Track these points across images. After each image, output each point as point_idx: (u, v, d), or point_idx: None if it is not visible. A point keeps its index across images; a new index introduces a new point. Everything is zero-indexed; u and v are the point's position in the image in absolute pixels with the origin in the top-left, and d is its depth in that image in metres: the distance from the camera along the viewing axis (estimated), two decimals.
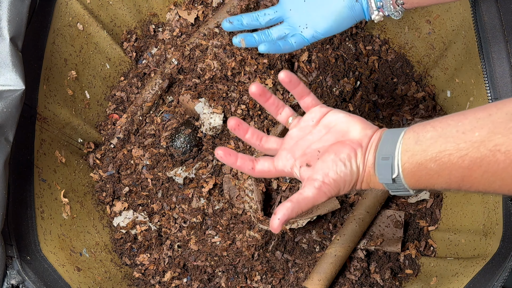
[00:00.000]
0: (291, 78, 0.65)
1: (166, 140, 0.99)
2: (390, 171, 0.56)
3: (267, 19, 0.76)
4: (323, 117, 0.64)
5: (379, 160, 0.57)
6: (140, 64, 1.08)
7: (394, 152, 0.56)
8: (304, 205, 0.59)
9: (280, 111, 0.69)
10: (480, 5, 0.79)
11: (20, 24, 0.74)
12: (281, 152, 0.65)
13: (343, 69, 1.02)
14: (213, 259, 0.93)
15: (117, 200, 0.98)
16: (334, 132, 0.62)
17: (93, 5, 0.98)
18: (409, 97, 1.02)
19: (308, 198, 0.59)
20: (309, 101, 0.67)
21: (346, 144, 0.60)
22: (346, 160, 0.59)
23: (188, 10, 1.09)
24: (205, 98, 0.98)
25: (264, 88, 0.67)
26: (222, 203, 0.96)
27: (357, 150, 0.59)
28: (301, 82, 0.66)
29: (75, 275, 0.82)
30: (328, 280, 0.89)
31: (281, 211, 0.58)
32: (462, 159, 0.50)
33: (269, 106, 0.69)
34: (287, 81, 0.65)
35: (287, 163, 0.64)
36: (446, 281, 0.82)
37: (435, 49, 1.00)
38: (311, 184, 0.59)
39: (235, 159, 0.65)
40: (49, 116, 0.88)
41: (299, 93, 0.67)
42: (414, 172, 0.54)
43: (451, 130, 0.51)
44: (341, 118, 0.63)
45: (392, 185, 0.57)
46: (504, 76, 0.77)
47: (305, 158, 0.62)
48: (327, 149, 0.61)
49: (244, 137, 0.68)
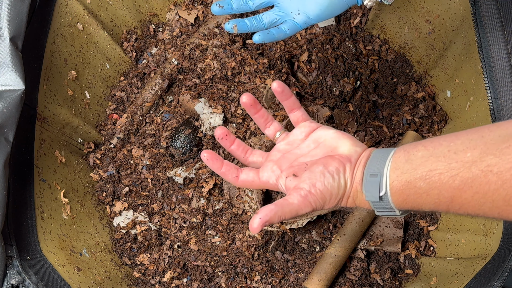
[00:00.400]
0: (284, 89, 0.66)
1: (166, 140, 0.99)
2: (377, 188, 0.55)
3: (257, 3, 0.75)
4: (312, 132, 0.65)
5: (367, 177, 0.56)
6: (140, 64, 1.08)
7: (383, 170, 0.55)
8: (288, 211, 0.58)
9: (268, 125, 0.69)
10: (480, 5, 0.79)
11: (20, 24, 0.74)
12: (267, 164, 0.64)
13: (343, 69, 1.02)
14: (213, 259, 0.93)
15: (117, 200, 0.98)
16: (323, 147, 0.62)
17: (93, 5, 0.98)
18: (409, 97, 1.02)
19: (292, 205, 0.58)
20: (299, 115, 0.67)
21: (335, 158, 0.60)
22: (335, 173, 0.58)
23: (188, 10, 1.09)
24: (205, 98, 0.98)
25: (255, 100, 0.67)
26: (222, 203, 0.96)
27: (346, 165, 0.59)
28: (293, 95, 0.67)
29: (75, 275, 0.82)
30: (328, 280, 0.89)
31: (264, 212, 0.57)
32: (453, 179, 0.49)
33: (258, 118, 0.69)
34: (279, 91, 0.66)
35: (272, 175, 0.63)
36: (446, 281, 0.82)
37: (435, 49, 1.00)
38: (297, 192, 0.58)
39: (220, 165, 0.64)
40: (49, 116, 0.88)
41: (290, 105, 0.67)
42: (403, 190, 0.53)
43: (443, 150, 0.51)
44: (330, 134, 0.63)
45: (378, 203, 0.56)
46: (504, 76, 0.77)
47: (292, 170, 0.62)
48: (316, 161, 0.60)
49: (229, 148, 0.67)
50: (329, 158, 0.60)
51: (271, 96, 0.97)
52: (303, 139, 0.65)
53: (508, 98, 0.76)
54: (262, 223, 0.56)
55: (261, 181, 0.64)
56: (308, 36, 1.06)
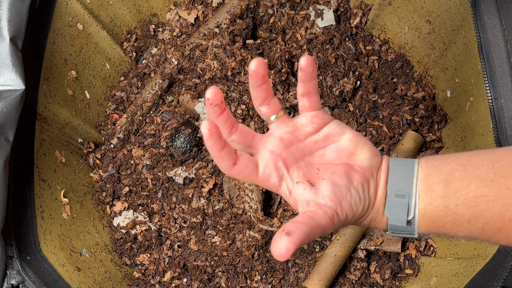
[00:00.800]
0: (314, 68, 0.50)
1: (166, 140, 0.99)
2: (405, 211, 0.46)
3: None
4: (326, 125, 0.51)
5: (391, 197, 0.47)
6: (140, 64, 1.08)
7: (411, 189, 0.46)
8: (316, 233, 0.45)
9: (268, 101, 0.52)
10: (480, 5, 0.79)
11: (20, 24, 0.74)
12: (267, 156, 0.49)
13: (343, 69, 1.02)
14: (213, 259, 0.93)
15: (117, 200, 0.98)
16: (335, 150, 0.50)
17: (93, 5, 0.98)
18: (409, 97, 1.02)
19: (319, 227, 0.45)
20: (315, 100, 0.52)
21: (357, 170, 0.48)
22: (360, 190, 0.47)
23: (188, 10, 1.09)
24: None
25: (266, 69, 0.50)
26: (222, 203, 0.96)
27: (370, 181, 0.48)
28: (316, 78, 0.51)
29: (75, 275, 0.82)
30: (328, 280, 0.89)
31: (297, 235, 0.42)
32: (505, 208, 0.43)
33: (260, 91, 0.51)
34: (310, 71, 0.50)
35: (275, 174, 0.49)
36: (446, 281, 0.82)
37: (435, 49, 1.00)
38: (321, 210, 0.46)
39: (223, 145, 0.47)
40: (49, 116, 0.88)
41: (309, 88, 0.51)
42: (439, 216, 0.45)
43: (488, 172, 0.44)
44: (346, 135, 0.50)
45: (400, 226, 0.48)
46: (504, 76, 0.77)
47: (301, 173, 0.49)
48: (333, 169, 0.49)
49: (217, 117, 0.50)
50: (349, 168, 0.49)
51: None
52: (312, 132, 0.51)
53: (508, 98, 0.76)
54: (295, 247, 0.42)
55: (258, 176, 0.49)
56: (308, 36, 1.06)
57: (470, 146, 0.86)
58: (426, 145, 0.99)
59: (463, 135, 0.90)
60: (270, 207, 0.97)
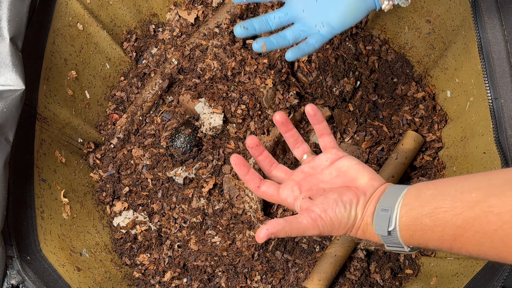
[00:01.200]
0: (316, 112, 0.68)
1: (166, 140, 0.99)
2: (387, 222, 0.57)
3: (276, 23, 0.76)
4: (337, 160, 0.67)
5: (378, 211, 0.58)
6: (140, 64, 1.08)
7: (394, 205, 0.57)
8: (295, 229, 0.60)
9: (298, 146, 0.71)
10: (480, 5, 0.79)
11: (20, 24, 0.74)
12: (288, 182, 0.67)
13: (343, 69, 1.02)
14: (213, 259, 0.93)
15: (117, 200, 0.98)
16: (343, 177, 0.65)
17: (93, 5, 0.98)
18: (409, 97, 1.02)
19: (300, 224, 0.60)
20: (328, 141, 0.69)
21: (351, 189, 0.62)
22: (347, 203, 0.60)
23: (188, 10, 1.09)
24: (205, 98, 0.98)
25: (288, 119, 0.70)
26: (222, 203, 0.96)
27: (360, 198, 0.61)
28: (325, 121, 0.69)
29: (75, 275, 0.82)
30: (328, 280, 0.89)
31: (272, 224, 0.59)
32: (456, 217, 0.51)
33: (289, 138, 0.71)
34: (312, 114, 0.68)
35: (291, 195, 0.66)
36: (446, 281, 0.82)
37: (435, 49, 1.00)
38: (308, 213, 0.61)
39: (247, 171, 0.67)
40: (49, 116, 0.88)
41: (320, 130, 0.69)
42: (409, 226, 0.55)
43: (451, 189, 0.53)
44: (353, 166, 0.65)
45: (387, 237, 0.58)
46: (504, 76, 0.77)
47: (309, 193, 0.64)
48: (332, 189, 0.63)
49: (257, 158, 0.70)
50: (345, 188, 0.62)
51: (271, 96, 0.97)
52: (327, 166, 0.67)
53: (508, 98, 0.76)
54: (268, 234, 0.59)
55: (280, 197, 0.67)
56: None
57: (470, 146, 0.86)
58: (426, 145, 0.99)
59: (463, 135, 0.90)
60: (270, 207, 0.97)
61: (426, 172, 0.98)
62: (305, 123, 1.01)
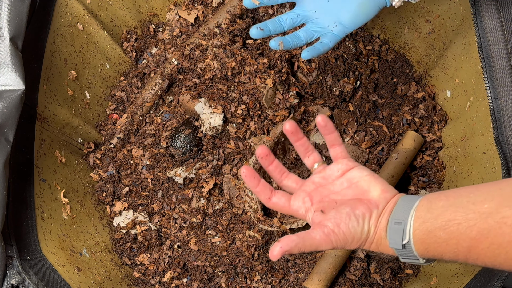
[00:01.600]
0: (327, 123, 0.67)
1: (166, 140, 0.99)
2: (401, 236, 0.56)
3: (289, 23, 0.78)
4: (348, 170, 0.65)
5: (391, 225, 0.58)
6: (140, 64, 1.08)
7: (407, 218, 0.56)
8: (308, 245, 0.59)
9: (308, 154, 0.70)
10: (480, 5, 0.79)
11: (20, 24, 0.74)
12: (300, 193, 0.66)
13: (343, 69, 1.02)
14: (213, 259, 0.93)
15: (117, 200, 0.98)
16: (355, 188, 0.63)
17: (93, 5, 0.98)
18: (409, 97, 1.02)
19: (314, 240, 0.59)
20: (339, 151, 0.68)
21: (364, 203, 0.61)
22: (360, 218, 0.60)
23: (188, 10, 1.09)
24: (205, 98, 0.98)
25: (298, 128, 0.69)
26: (222, 203, 0.96)
27: (372, 211, 0.60)
28: (336, 131, 0.68)
29: (75, 275, 0.82)
30: (328, 280, 0.89)
31: (285, 241, 0.58)
32: (470, 229, 0.50)
33: (299, 147, 0.70)
34: (323, 125, 0.67)
35: (302, 206, 0.65)
36: (446, 281, 0.82)
37: (435, 49, 1.00)
38: (321, 228, 0.60)
39: (257, 183, 0.67)
40: (49, 116, 0.88)
41: (331, 140, 0.68)
42: (424, 239, 0.55)
43: (462, 200, 0.52)
44: (364, 177, 0.64)
45: (401, 251, 0.58)
46: (504, 76, 0.77)
47: (321, 205, 0.63)
48: (345, 202, 0.62)
49: (267, 167, 0.70)
50: (357, 201, 0.61)
51: (271, 96, 0.97)
52: (338, 176, 0.66)
53: (508, 98, 0.76)
54: (282, 251, 0.58)
55: (291, 208, 0.66)
56: None
57: (470, 146, 0.86)
58: (426, 145, 0.99)
59: (463, 135, 0.90)
60: None
61: (426, 172, 0.98)
62: (305, 123, 1.01)
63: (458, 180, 0.90)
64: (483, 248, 0.50)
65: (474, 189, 0.53)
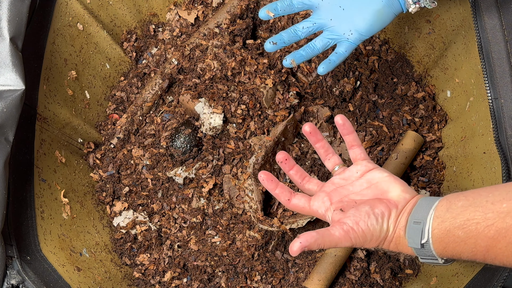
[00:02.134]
0: (345, 122, 0.68)
1: (166, 140, 0.99)
2: (420, 235, 0.57)
3: (306, 32, 0.78)
4: (368, 172, 0.67)
5: (410, 224, 0.59)
6: (140, 64, 1.08)
7: (426, 218, 0.57)
8: (327, 241, 0.60)
9: (329, 157, 0.71)
10: (480, 5, 0.79)
11: (20, 24, 0.74)
12: (319, 194, 0.68)
13: (343, 69, 1.02)
14: (213, 259, 0.93)
15: (117, 200, 0.99)
16: (374, 189, 0.65)
17: (93, 5, 0.98)
18: (409, 97, 1.02)
19: (333, 236, 0.60)
20: (358, 152, 0.69)
21: (383, 202, 0.62)
22: (379, 216, 0.61)
23: (188, 10, 1.09)
24: (205, 98, 0.98)
25: (317, 129, 0.70)
26: (222, 203, 0.96)
27: (392, 210, 0.61)
28: (354, 132, 0.69)
29: (75, 275, 0.82)
30: (328, 280, 0.89)
31: (305, 237, 0.59)
32: (488, 229, 0.51)
33: (319, 149, 0.71)
34: (341, 124, 0.68)
35: (322, 206, 0.66)
36: (446, 281, 0.82)
37: (435, 49, 1.00)
38: (340, 225, 0.61)
39: (275, 186, 0.68)
40: (49, 116, 0.88)
41: (350, 141, 0.69)
42: (442, 238, 0.55)
43: (481, 200, 0.53)
44: (384, 178, 0.65)
45: (420, 250, 0.58)
46: (504, 76, 0.77)
47: (340, 204, 0.64)
48: (364, 201, 0.63)
49: (288, 172, 0.71)
50: (377, 200, 0.62)
51: (271, 96, 0.97)
52: (357, 177, 0.67)
53: (508, 98, 0.76)
54: (302, 247, 0.59)
55: (311, 209, 0.67)
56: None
57: (470, 146, 0.86)
58: (426, 145, 0.99)
59: (463, 135, 0.90)
60: (270, 207, 0.97)
61: (426, 172, 0.98)
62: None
63: (458, 180, 0.90)
64: (501, 247, 0.50)
65: (493, 189, 0.53)
